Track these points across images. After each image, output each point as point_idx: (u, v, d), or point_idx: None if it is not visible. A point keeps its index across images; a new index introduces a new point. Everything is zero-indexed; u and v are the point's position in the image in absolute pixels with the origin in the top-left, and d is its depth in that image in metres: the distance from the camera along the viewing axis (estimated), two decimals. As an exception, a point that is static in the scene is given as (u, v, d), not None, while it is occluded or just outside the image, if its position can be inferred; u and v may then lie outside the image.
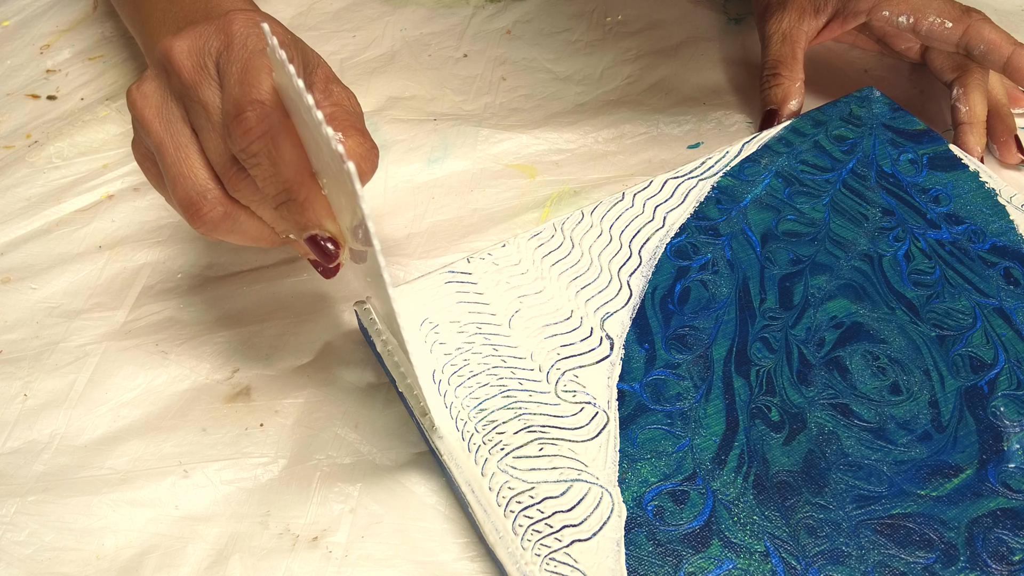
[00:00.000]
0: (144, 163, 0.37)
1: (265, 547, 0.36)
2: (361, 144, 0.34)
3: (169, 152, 0.34)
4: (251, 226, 0.36)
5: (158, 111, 0.35)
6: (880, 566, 0.32)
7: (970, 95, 0.48)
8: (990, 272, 0.40)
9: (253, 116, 0.32)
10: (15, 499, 0.37)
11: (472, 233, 0.46)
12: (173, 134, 0.34)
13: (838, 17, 0.50)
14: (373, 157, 0.34)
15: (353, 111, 0.36)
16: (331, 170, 0.30)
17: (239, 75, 0.32)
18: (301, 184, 0.33)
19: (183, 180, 0.34)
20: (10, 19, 0.60)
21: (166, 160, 0.34)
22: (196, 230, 0.35)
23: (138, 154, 0.37)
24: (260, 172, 0.33)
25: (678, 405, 0.37)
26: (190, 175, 0.34)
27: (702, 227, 0.43)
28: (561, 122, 0.52)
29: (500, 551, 0.33)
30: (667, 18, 0.58)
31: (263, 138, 0.32)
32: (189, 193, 0.34)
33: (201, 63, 0.34)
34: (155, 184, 0.37)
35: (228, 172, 0.34)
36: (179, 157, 0.34)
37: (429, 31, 0.58)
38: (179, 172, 0.34)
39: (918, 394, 0.37)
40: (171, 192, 0.35)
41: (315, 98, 0.34)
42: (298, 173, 0.33)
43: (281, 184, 0.33)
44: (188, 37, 0.34)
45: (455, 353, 0.38)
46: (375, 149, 0.35)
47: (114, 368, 0.42)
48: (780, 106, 0.49)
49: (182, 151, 0.34)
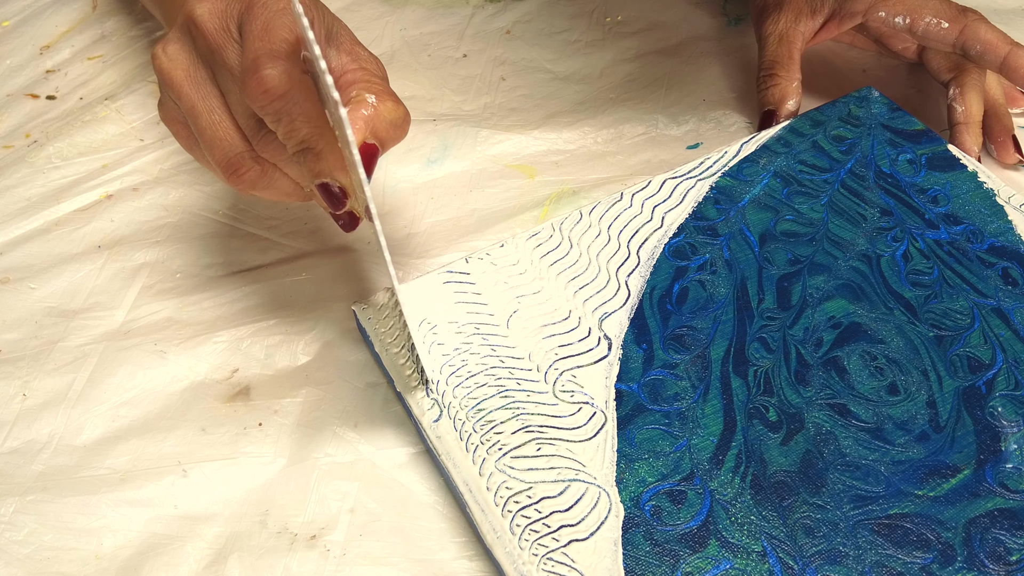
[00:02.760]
0: (173, 125, 0.37)
1: (264, 546, 0.36)
2: (394, 110, 0.34)
3: (203, 115, 0.35)
4: (283, 182, 0.37)
5: (187, 74, 0.35)
6: (877, 566, 0.32)
7: (966, 95, 0.48)
8: (988, 272, 0.40)
9: (272, 74, 0.32)
10: (14, 499, 0.38)
11: (471, 233, 0.46)
12: (204, 96, 0.35)
13: (834, 18, 0.50)
14: (405, 124, 0.35)
15: (382, 75, 0.36)
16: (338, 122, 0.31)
17: (259, 32, 0.33)
18: (320, 136, 0.33)
19: (220, 143, 0.35)
20: (10, 19, 0.60)
21: (200, 123, 0.35)
22: (233, 187, 0.36)
23: (166, 116, 0.37)
24: (281, 127, 0.33)
25: (676, 405, 0.37)
26: (226, 137, 0.35)
27: (700, 227, 0.43)
28: (560, 122, 0.52)
29: (498, 551, 0.33)
30: (667, 19, 0.58)
31: (283, 97, 0.32)
32: (227, 155, 0.35)
33: (224, 26, 0.34)
34: (185, 145, 0.38)
35: (256, 132, 0.35)
36: (212, 120, 0.35)
37: (429, 31, 0.58)
38: (214, 135, 0.35)
39: (916, 394, 0.37)
40: (209, 155, 0.36)
41: (342, 60, 0.35)
42: (316, 126, 0.33)
43: (300, 137, 0.33)
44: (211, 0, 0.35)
45: (453, 353, 0.39)
46: (408, 116, 0.35)
47: (113, 368, 0.42)
48: (777, 106, 0.49)
49: (215, 114, 0.35)
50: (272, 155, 0.35)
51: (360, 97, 0.34)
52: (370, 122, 0.33)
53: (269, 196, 0.37)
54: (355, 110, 0.33)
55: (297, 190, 0.37)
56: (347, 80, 0.35)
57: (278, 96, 0.32)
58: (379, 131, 0.34)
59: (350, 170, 0.34)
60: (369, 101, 0.34)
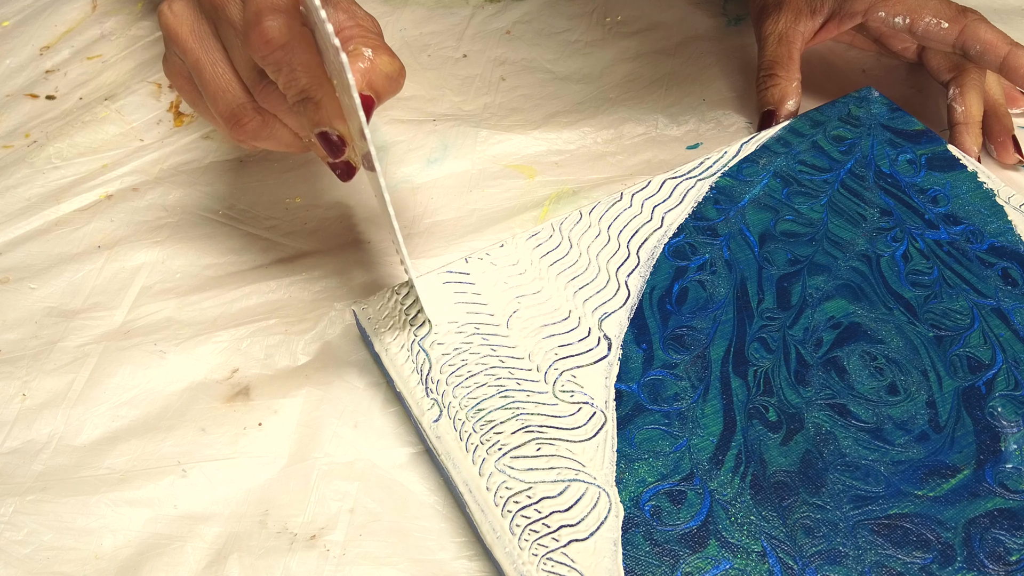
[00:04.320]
0: (177, 80, 0.39)
1: (263, 546, 0.36)
2: (390, 63, 0.36)
3: (207, 69, 0.37)
4: (283, 133, 0.38)
5: (192, 30, 0.37)
6: (877, 566, 0.32)
7: (966, 95, 0.48)
8: (988, 272, 0.40)
9: (272, 26, 0.33)
10: (13, 498, 0.38)
11: (471, 233, 0.46)
12: (207, 50, 0.37)
13: (834, 18, 0.50)
14: (400, 77, 0.36)
15: (378, 32, 0.37)
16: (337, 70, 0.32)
17: None
18: (319, 86, 0.35)
19: (223, 94, 0.37)
20: (10, 19, 0.60)
21: (204, 76, 0.37)
22: (236, 139, 0.38)
23: (171, 71, 0.39)
24: (281, 77, 0.34)
25: (676, 405, 0.37)
26: (229, 88, 0.37)
27: (700, 227, 0.43)
28: (560, 122, 0.52)
29: (497, 551, 0.33)
30: (666, 19, 0.58)
31: (284, 48, 0.33)
32: (230, 106, 0.37)
33: None
34: (189, 99, 0.39)
35: (257, 84, 0.36)
36: (216, 73, 0.36)
37: (428, 31, 0.58)
38: (218, 87, 0.37)
39: (915, 394, 0.37)
40: (212, 107, 0.37)
41: (339, 18, 0.37)
42: (314, 77, 0.34)
43: (300, 87, 0.34)
44: None
45: (453, 353, 0.39)
46: (403, 70, 0.36)
47: (113, 368, 0.42)
48: (777, 107, 0.49)
49: (218, 67, 0.36)
50: (273, 105, 0.36)
51: (357, 51, 0.35)
52: (367, 75, 0.35)
53: (269, 146, 0.38)
54: (352, 63, 0.34)
55: (296, 141, 0.38)
56: (344, 36, 0.36)
57: (279, 47, 0.33)
58: (375, 83, 0.35)
59: (348, 118, 0.35)
60: (366, 55, 0.35)
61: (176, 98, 0.55)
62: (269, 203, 0.49)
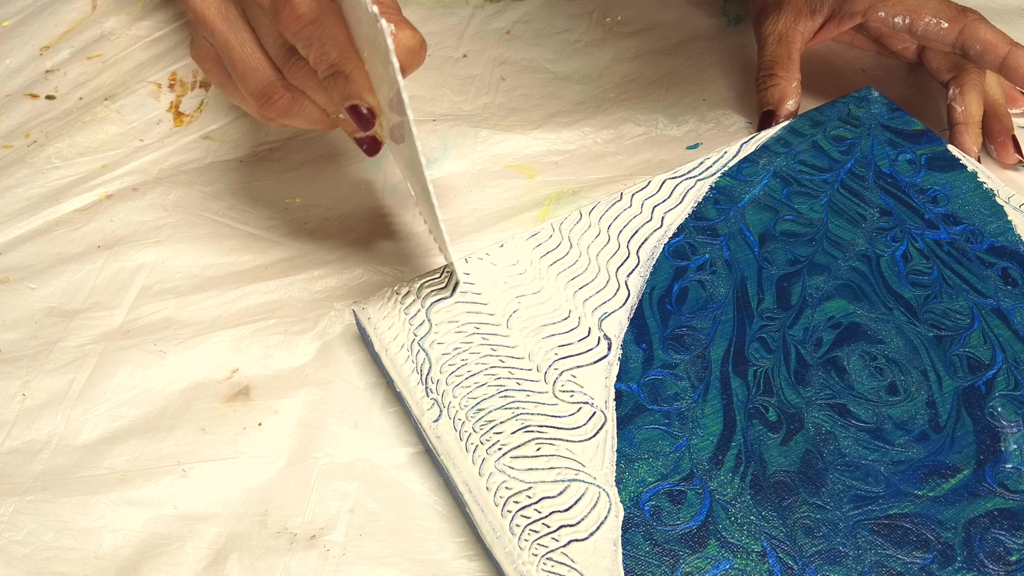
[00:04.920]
0: (205, 63, 0.39)
1: (263, 546, 0.36)
2: (412, 36, 0.37)
3: (236, 49, 0.37)
4: (312, 109, 0.38)
5: (219, 12, 0.37)
6: (877, 566, 0.32)
7: (966, 95, 0.48)
8: (988, 272, 0.40)
9: (303, 1, 0.34)
10: (13, 498, 0.38)
11: (471, 233, 0.46)
12: (236, 31, 0.37)
13: (834, 18, 0.50)
14: (422, 50, 0.37)
15: (397, 7, 0.38)
16: (369, 40, 0.33)
17: None
18: (349, 59, 0.35)
19: (253, 73, 0.37)
20: (9, 19, 0.60)
21: (233, 56, 0.37)
22: (265, 118, 0.39)
23: (199, 55, 0.39)
24: (312, 52, 0.35)
25: (676, 405, 0.37)
26: (258, 67, 0.37)
27: (700, 227, 0.43)
28: (560, 122, 0.52)
29: (497, 551, 0.33)
30: (666, 18, 0.58)
31: (314, 23, 0.34)
32: (261, 84, 0.37)
33: None
34: (218, 81, 0.40)
35: (287, 62, 0.37)
36: (245, 53, 0.37)
37: (428, 31, 0.58)
38: (248, 66, 0.37)
39: (915, 394, 0.37)
40: (242, 86, 0.38)
41: None
42: (345, 50, 0.35)
43: (331, 60, 0.35)
44: None
45: (453, 353, 0.39)
46: (424, 43, 0.38)
47: (113, 368, 0.42)
48: (777, 107, 0.49)
49: (247, 47, 0.37)
50: (302, 82, 0.37)
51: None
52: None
53: (298, 123, 0.39)
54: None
55: (323, 117, 0.39)
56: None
57: (309, 22, 0.34)
58: (399, 57, 0.35)
59: (378, 89, 0.36)
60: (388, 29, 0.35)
61: (176, 98, 0.55)
62: (269, 203, 0.49)
